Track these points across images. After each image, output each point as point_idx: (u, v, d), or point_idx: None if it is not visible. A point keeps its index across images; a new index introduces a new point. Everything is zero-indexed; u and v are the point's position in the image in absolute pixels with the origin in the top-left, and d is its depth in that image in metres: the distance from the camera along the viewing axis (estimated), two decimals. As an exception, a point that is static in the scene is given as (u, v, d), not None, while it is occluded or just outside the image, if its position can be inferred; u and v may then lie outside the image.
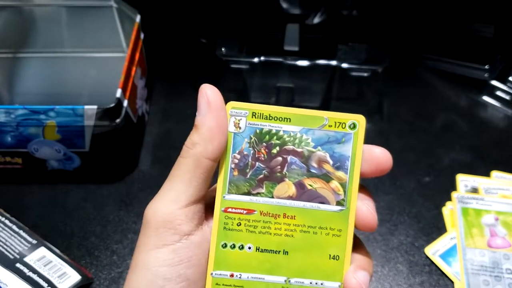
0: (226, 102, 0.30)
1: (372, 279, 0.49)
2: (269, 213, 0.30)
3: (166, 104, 0.65)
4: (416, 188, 0.57)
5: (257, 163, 0.30)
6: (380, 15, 0.67)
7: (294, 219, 0.30)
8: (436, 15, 0.68)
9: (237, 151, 0.30)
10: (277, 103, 0.63)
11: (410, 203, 0.55)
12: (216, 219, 0.30)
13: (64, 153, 0.54)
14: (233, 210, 0.30)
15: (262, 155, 0.30)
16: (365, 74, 0.62)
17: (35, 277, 0.46)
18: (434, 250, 0.51)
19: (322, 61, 0.62)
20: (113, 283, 0.49)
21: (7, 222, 0.50)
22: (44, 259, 0.48)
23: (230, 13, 0.67)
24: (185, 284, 0.29)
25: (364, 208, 0.30)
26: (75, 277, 0.47)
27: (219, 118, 0.29)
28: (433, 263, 0.50)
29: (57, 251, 0.49)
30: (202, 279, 0.30)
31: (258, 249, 0.30)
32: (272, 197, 0.30)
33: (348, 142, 0.30)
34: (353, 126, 0.30)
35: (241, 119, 0.30)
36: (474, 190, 0.55)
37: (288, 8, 0.64)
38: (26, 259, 0.47)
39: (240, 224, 0.30)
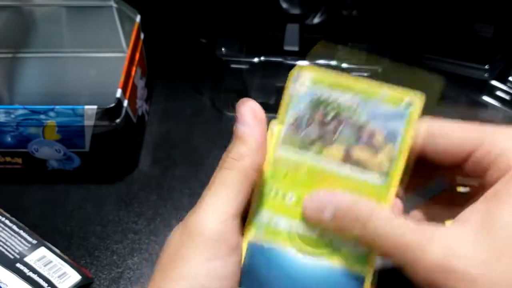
0: (226, 103, 0.31)
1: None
2: (315, 172, 0.31)
3: (166, 104, 0.65)
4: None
5: (312, 125, 0.31)
6: (380, 15, 0.67)
7: (337, 182, 0.30)
8: (436, 15, 0.68)
9: (296, 110, 0.31)
10: (277, 103, 0.63)
11: (410, 203, 0.55)
12: (266, 165, 0.31)
13: (64, 153, 0.54)
14: (284, 161, 0.31)
15: (318, 119, 0.31)
16: (365, 74, 0.62)
17: (35, 277, 0.46)
18: None
19: (322, 61, 0.62)
20: (113, 283, 0.49)
21: (7, 222, 0.50)
22: (44, 259, 0.48)
23: (230, 13, 0.67)
24: None
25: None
26: (75, 277, 0.47)
27: (264, 130, 0.30)
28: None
29: (57, 251, 0.49)
30: None
31: (300, 200, 0.31)
32: (321, 158, 0.31)
33: (402, 118, 0.30)
34: (410, 104, 0.31)
35: (304, 81, 0.31)
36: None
37: (288, 8, 0.64)
38: (26, 259, 0.47)
39: (286, 177, 0.31)
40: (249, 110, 0.30)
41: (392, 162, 0.30)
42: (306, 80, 0.31)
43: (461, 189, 0.34)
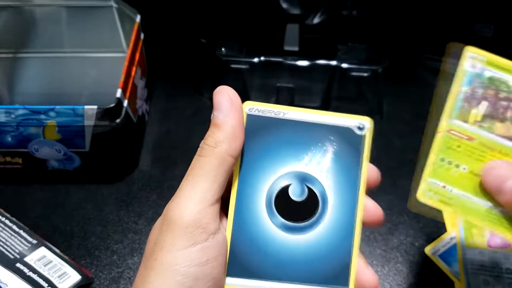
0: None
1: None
2: (487, 146, 0.33)
3: (166, 104, 0.65)
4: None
5: (484, 101, 0.33)
6: (380, 15, 0.67)
7: (508, 156, 0.33)
8: (436, 15, 0.68)
9: (469, 86, 0.34)
10: (277, 103, 0.63)
11: (410, 203, 0.55)
12: (440, 136, 0.34)
13: (64, 153, 0.54)
14: (456, 134, 0.34)
15: (491, 96, 0.34)
16: (365, 74, 0.62)
17: (35, 277, 0.46)
18: (434, 250, 0.51)
19: (322, 61, 0.62)
20: (113, 283, 0.49)
21: (7, 222, 0.50)
22: (44, 259, 0.48)
23: (230, 13, 0.67)
24: (211, 284, 0.29)
25: (370, 203, 0.32)
26: (75, 277, 0.47)
27: (240, 117, 0.30)
28: (433, 263, 0.50)
29: (57, 251, 0.49)
30: (223, 279, 0.31)
31: (472, 172, 0.33)
32: (492, 133, 0.33)
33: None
34: None
35: (478, 62, 0.34)
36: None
37: (288, 8, 0.64)
38: (26, 259, 0.47)
39: (460, 147, 0.33)
40: (225, 98, 0.30)
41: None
42: (479, 61, 0.34)
43: None
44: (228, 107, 0.30)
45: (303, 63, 0.62)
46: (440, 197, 0.33)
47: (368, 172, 0.32)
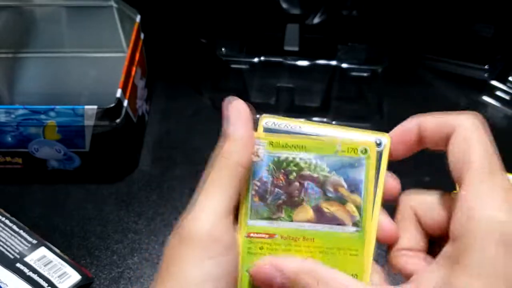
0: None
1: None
2: (289, 237, 0.31)
3: (166, 104, 0.65)
4: (416, 188, 0.56)
5: (276, 189, 0.31)
6: (380, 15, 0.67)
7: (313, 241, 0.31)
8: (436, 15, 0.68)
9: (257, 179, 0.31)
10: (277, 103, 0.63)
11: (410, 203, 0.55)
12: (240, 244, 0.31)
13: (64, 153, 0.54)
14: (256, 235, 0.31)
15: (281, 182, 0.31)
16: (365, 74, 0.62)
17: (35, 277, 0.46)
18: None
19: (322, 61, 0.62)
20: (113, 283, 0.49)
21: (7, 222, 0.50)
22: (44, 259, 0.48)
23: (230, 13, 0.67)
24: None
25: (386, 221, 0.31)
26: (75, 277, 0.47)
27: (249, 127, 0.30)
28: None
29: (57, 251, 0.49)
30: None
31: None
32: (292, 221, 0.31)
33: (361, 166, 0.31)
34: (365, 151, 0.31)
35: (259, 148, 0.31)
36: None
37: (288, 8, 0.64)
38: (26, 259, 0.47)
39: (263, 248, 0.31)
40: (235, 110, 0.30)
41: (360, 209, 0.31)
42: (262, 146, 0.31)
43: None
44: (237, 119, 0.30)
45: (303, 63, 0.62)
46: None
47: (389, 182, 0.32)
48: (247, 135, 0.30)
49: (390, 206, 0.55)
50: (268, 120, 0.32)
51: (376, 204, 0.31)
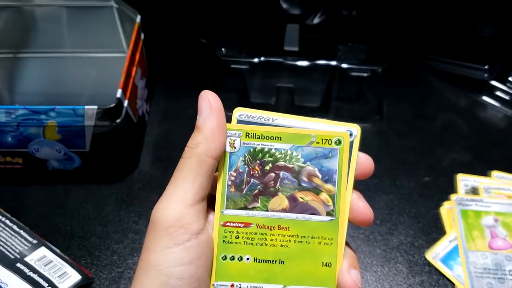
0: (226, 103, 0.31)
1: (372, 279, 0.49)
2: (265, 226, 0.32)
3: (167, 104, 0.65)
4: (416, 188, 0.57)
5: (251, 179, 0.32)
6: (380, 15, 0.67)
7: (288, 230, 0.32)
8: (436, 15, 0.68)
9: (233, 169, 0.32)
10: (277, 103, 0.63)
11: (410, 203, 0.55)
12: (216, 233, 0.32)
13: (64, 153, 0.54)
14: (231, 224, 0.32)
15: (256, 172, 0.32)
16: (365, 74, 0.62)
17: (35, 277, 0.46)
18: (434, 254, 0.50)
19: (322, 61, 0.62)
20: (114, 282, 0.49)
21: (7, 222, 0.50)
22: (45, 259, 0.48)
23: (230, 14, 0.67)
24: (197, 284, 0.30)
25: (361, 204, 0.32)
26: (75, 276, 0.47)
27: (220, 119, 0.31)
28: (433, 263, 0.50)
29: (58, 251, 0.49)
30: (208, 279, 0.31)
31: (256, 260, 0.32)
32: (267, 210, 0.32)
33: (335, 157, 0.32)
34: (339, 142, 0.32)
35: (235, 139, 0.32)
36: (474, 190, 0.55)
37: (288, 8, 0.64)
38: (27, 259, 0.47)
39: (238, 237, 0.32)
40: (205, 102, 0.31)
41: (334, 199, 0.32)
42: (238, 137, 0.32)
43: None
44: (208, 110, 0.31)
45: (303, 63, 0.62)
46: None
47: (362, 162, 0.32)
48: (216, 126, 0.31)
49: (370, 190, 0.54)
50: (241, 112, 0.32)
51: (348, 192, 0.32)
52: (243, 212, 0.32)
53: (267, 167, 0.32)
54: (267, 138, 0.32)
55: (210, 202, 0.32)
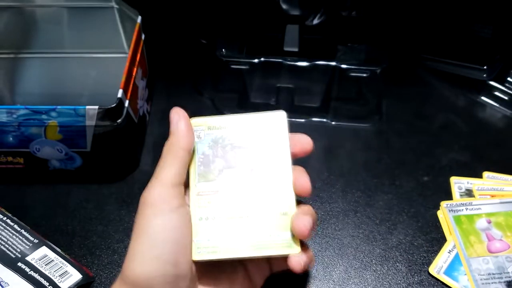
0: (226, 103, 0.31)
1: (372, 278, 0.49)
2: (232, 192, 0.41)
3: (167, 104, 0.65)
4: (415, 187, 0.57)
5: (216, 158, 0.42)
6: (379, 16, 0.67)
7: (252, 194, 0.41)
8: (435, 15, 0.68)
9: (201, 153, 0.42)
10: (277, 103, 0.64)
11: (409, 203, 0.55)
12: (193, 201, 0.41)
13: (65, 153, 0.54)
14: (204, 193, 0.41)
15: (221, 153, 0.42)
16: (365, 75, 0.62)
17: (36, 276, 0.46)
18: (437, 268, 0.50)
19: (321, 62, 0.62)
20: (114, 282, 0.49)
21: (8, 221, 0.51)
22: (46, 258, 0.48)
23: (230, 14, 0.67)
24: (178, 248, 0.38)
25: (301, 179, 0.40)
26: (76, 276, 0.48)
27: (186, 123, 0.41)
28: (431, 262, 0.50)
29: (59, 250, 0.49)
30: (190, 245, 0.40)
31: (223, 216, 0.41)
32: (233, 181, 0.41)
33: (276, 135, 0.42)
34: (270, 122, 0.43)
35: (200, 132, 0.43)
36: (469, 192, 0.55)
37: (288, 9, 0.64)
38: (28, 258, 0.48)
39: (210, 202, 0.41)
40: (176, 114, 0.42)
41: (284, 168, 0.41)
42: (202, 130, 0.43)
43: None
44: (177, 119, 0.41)
45: (303, 63, 0.62)
46: (208, 250, 0.40)
47: (302, 140, 0.42)
48: (185, 129, 0.41)
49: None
50: (195, 120, 0.43)
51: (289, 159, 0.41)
52: (212, 183, 0.41)
53: (227, 148, 0.42)
54: (224, 127, 0.43)
55: (187, 189, 0.41)
